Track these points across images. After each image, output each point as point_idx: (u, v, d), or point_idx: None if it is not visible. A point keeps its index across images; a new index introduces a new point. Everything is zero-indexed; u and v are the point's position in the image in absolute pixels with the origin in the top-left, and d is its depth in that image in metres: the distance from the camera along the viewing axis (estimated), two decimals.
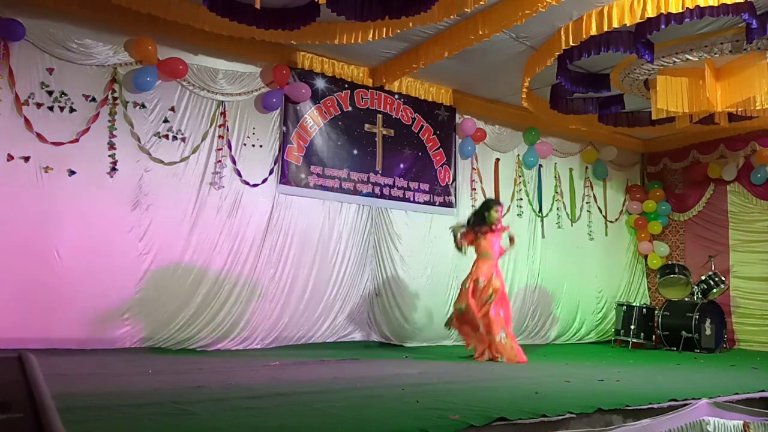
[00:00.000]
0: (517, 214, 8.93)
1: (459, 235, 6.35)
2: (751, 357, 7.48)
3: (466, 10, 5.39)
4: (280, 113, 7.00)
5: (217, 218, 6.51)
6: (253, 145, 6.81)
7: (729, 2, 5.09)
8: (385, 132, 7.74)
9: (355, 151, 7.49)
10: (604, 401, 3.41)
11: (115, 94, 6.02)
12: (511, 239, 6.43)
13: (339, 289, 7.25)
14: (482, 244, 6.25)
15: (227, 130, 6.65)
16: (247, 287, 6.59)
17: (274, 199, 6.88)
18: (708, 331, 8.12)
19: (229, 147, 6.65)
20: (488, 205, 6.37)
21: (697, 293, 8.48)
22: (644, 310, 8.53)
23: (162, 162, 6.23)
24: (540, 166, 9.23)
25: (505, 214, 8.76)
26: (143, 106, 6.17)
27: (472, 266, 6.29)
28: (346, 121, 7.44)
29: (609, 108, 8.03)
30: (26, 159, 5.56)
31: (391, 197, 7.69)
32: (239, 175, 6.68)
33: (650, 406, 3.47)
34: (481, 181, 8.60)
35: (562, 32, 6.02)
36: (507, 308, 6.24)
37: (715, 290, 8.49)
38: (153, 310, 6.04)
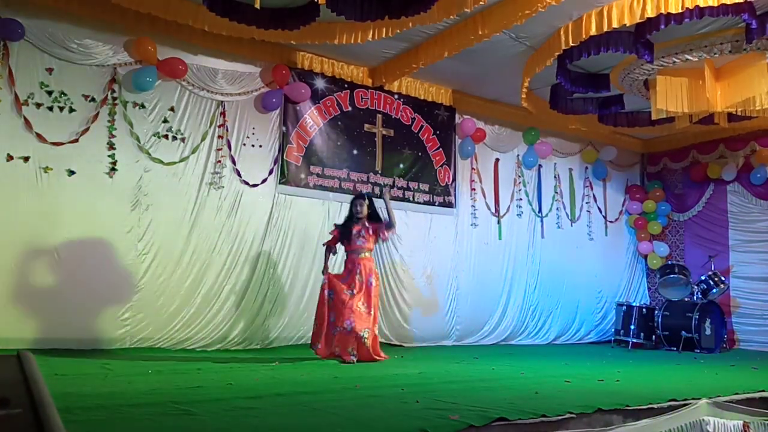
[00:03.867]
0: (517, 215, 8.93)
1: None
2: (751, 357, 7.48)
3: (465, 10, 5.40)
4: (280, 113, 6.99)
5: (217, 218, 6.50)
6: (253, 145, 6.81)
7: (728, 2, 5.09)
8: (384, 132, 7.74)
9: (355, 151, 7.49)
10: (603, 401, 3.41)
11: (115, 94, 6.02)
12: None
13: None
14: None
15: (227, 130, 6.65)
16: (246, 287, 6.59)
17: (274, 199, 6.88)
18: (708, 331, 8.12)
19: (229, 147, 6.64)
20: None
21: (697, 293, 8.49)
22: (644, 310, 8.53)
23: (161, 162, 6.22)
24: (540, 166, 9.23)
25: (504, 215, 8.80)
26: (143, 106, 6.17)
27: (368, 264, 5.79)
28: (345, 121, 7.44)
29: (609, 108, 8.04)
30: (26, 159, 5.56)
31: (390, 197, 7.67)
32: (239, 175, 6.68)
33: (650, 406, 3.48)
34: (480, 181, 8.60)
35: (561, 32, 6.02)
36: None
37: (715, 290, 8.49)
38: (153, 310, 6.04)
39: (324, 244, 5.96)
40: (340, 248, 6.06)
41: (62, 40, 5.74)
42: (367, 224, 5.79)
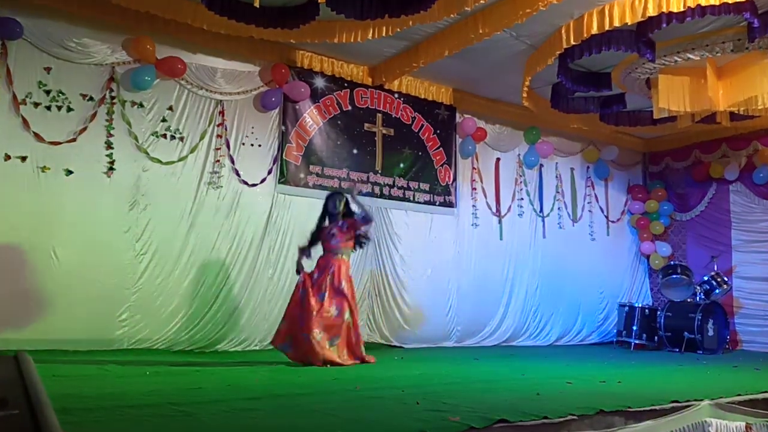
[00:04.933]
0: (518, 215, 8.91)
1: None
2: (753, 358, 7.46)
3: (466, 8, 5.39)
4: (279, 112, 6.97)
5: (216, 218, 6.48)
6: (252, 145, 6.78)
7: (730, 1, 5.07)
8: (384, 131, 7.71)
9: (355, 151, 7.46)
10: (605, 403, 3.39)
11: (113, 94, 6.00)
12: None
13: None
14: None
15: (226, 129, 6.62)
16: (245, 288, 6.56)
17: (273, 199, 6.85)
18: (710, 332, 8.10)
19: (228, 146, 6.62)
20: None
21: (699, 294, 8.46)
22: (646, 310, 8.51)
23: (160, 161, 6.20)
24: (541, 165, 9.20)
25: (505, 215, 8.77)
26: (141, 105, 6.15)
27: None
28: (345, 120, 7.41)
29: (610, 107, 8.02)
30: (23, 159, 5.54)
31: (390, 197, 7.66)
32: (238, 174, 6.65)
33: (652, 407, 3.46)
34: (481, 181, 8.58)
35: (562, 31, 6.00)
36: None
37: (717, 291, 8.46)
38: (151, 310, 6.01)
39: (300, 248, 5.68)
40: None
41: (60, 39, 5.72)
42: (341, 222, 5.59)
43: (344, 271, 5.51)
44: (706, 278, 8.52)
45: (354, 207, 5.73)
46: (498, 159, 8.82)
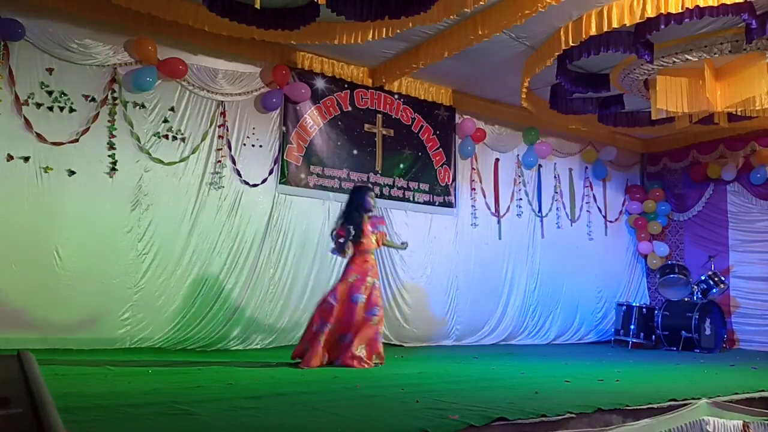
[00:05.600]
0: (517, 215, 8.94)
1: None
2: (750, 357, 7.48)
3: (465, 10, 5.39)
4: (280, 113, 7.00)
5: (217, 218, 6.51)
6: (253, 145, 6.81)
7: (728, 2, 5.09)
8: (384, 132, 7.74)
9: (355, 151, 7.49)
10: (603, 401, 3.41)
11: (115, 94, 6.03)
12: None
13: None
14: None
15: (227, 130, 6.65)
16: (246, 287, 6.59)
17: (274, 199, 6.88)
18: (708, 331, 8.12)
19: (229, 147, 6.65)
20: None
21: (696, 293, 8.49)
22: (644, 310, 8.54)
23: (162, 162, 6.23)
24: (539, 166, 9.23)
25: (504, 215, 8.80)
26: (143, 106, 6.17)
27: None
28: (345, 121, 7.44)
29: (609, 108, 8.03)
30: (26, 159, 5.56)
31: (390, 197, 7.69)
32: (239, 175, 6.68)
33: (650, 405, 3.48)
34: (480, 181, 8.61)
35: (561, 32, 6.02)
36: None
37: (714, 290, 8.49)
38: (153, 310, 6.04)
39: (341, 252, 5.33)
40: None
41: (62, 40, 5.74)
42: (370, 221, 5.52)
43: (377, 271, 5.49)
44: (703, 278, 8.55)
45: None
46: (497, 159, 8.85)
